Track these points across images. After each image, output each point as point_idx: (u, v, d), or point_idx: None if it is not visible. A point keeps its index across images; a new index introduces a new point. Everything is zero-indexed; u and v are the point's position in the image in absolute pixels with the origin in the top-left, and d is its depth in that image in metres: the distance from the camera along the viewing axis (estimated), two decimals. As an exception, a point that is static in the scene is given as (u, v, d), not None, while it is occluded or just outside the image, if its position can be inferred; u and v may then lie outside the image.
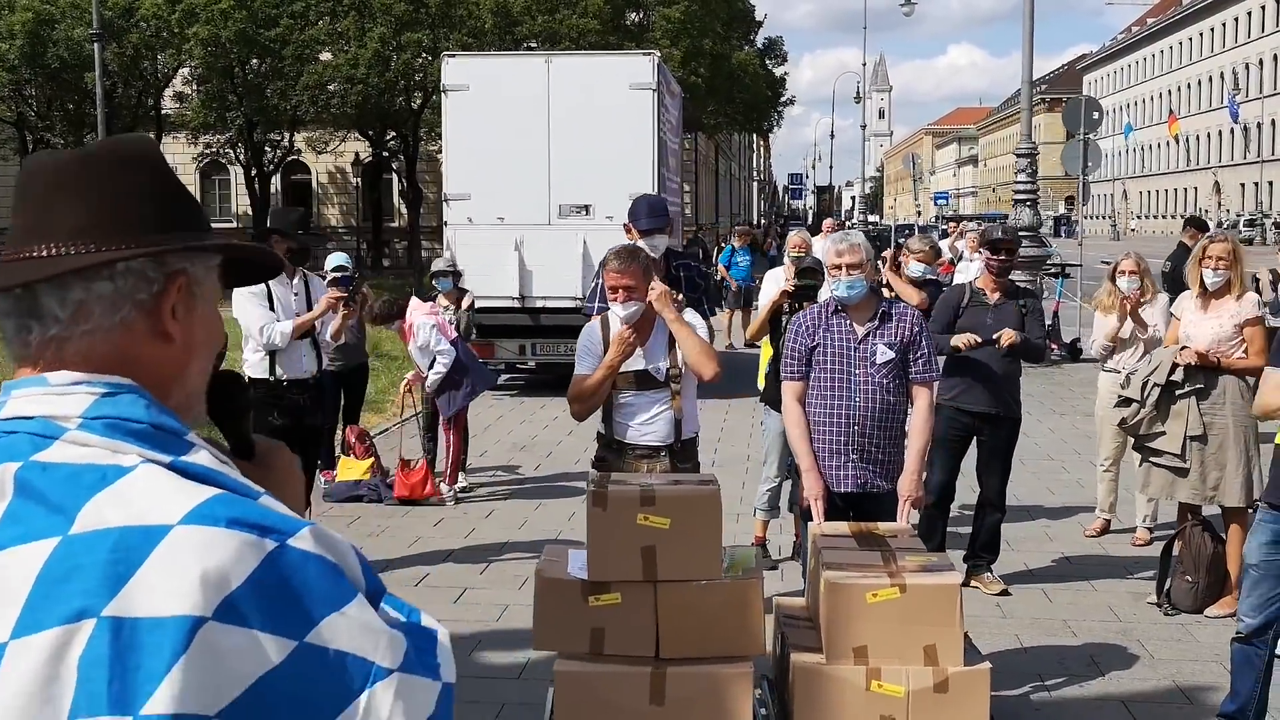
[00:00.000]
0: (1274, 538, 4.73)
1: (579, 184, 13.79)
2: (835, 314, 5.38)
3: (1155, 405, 6.74)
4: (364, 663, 1.33)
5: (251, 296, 7.04)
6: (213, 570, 1.26)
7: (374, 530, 8.58)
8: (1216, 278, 6.64)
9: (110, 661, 1.24)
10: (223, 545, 1.28)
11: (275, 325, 6.97)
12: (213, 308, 1.55)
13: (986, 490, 7.28)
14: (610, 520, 4.55)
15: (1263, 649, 4.82)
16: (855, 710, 4.52)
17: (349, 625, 1.33)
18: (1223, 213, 76.97)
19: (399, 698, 1.34)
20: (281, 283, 7.13)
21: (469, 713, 5.36)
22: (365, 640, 1.34)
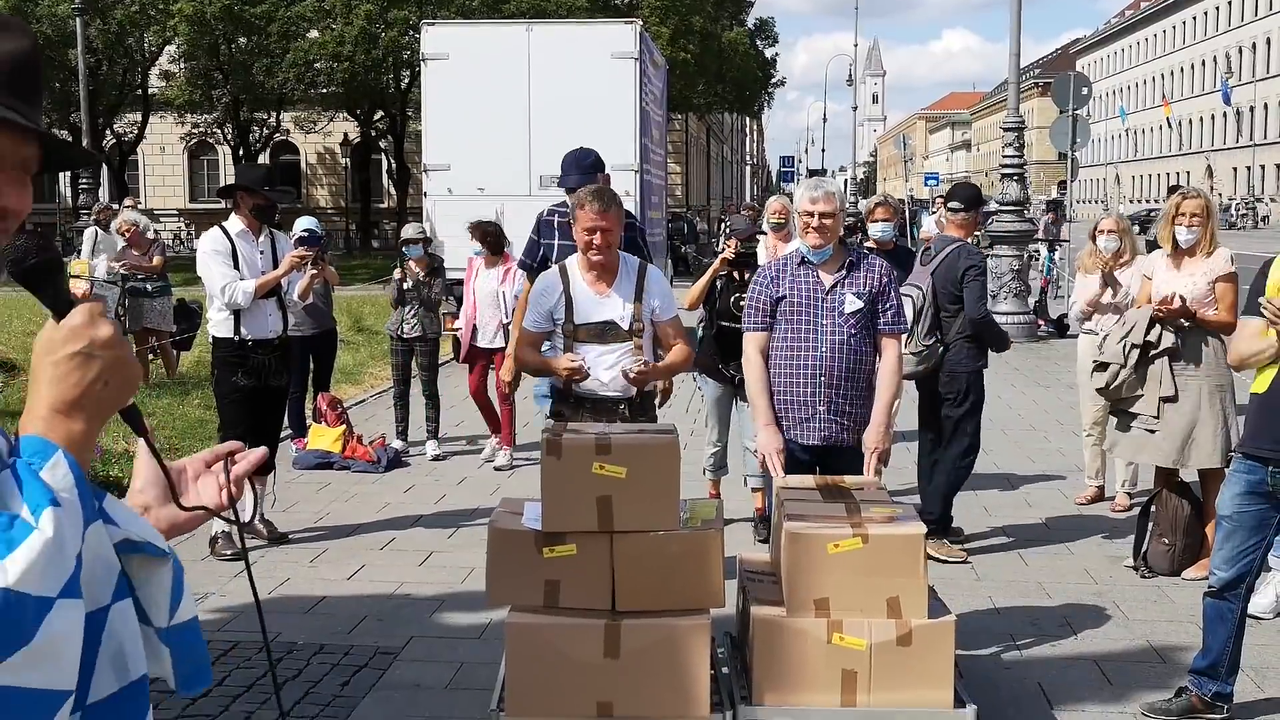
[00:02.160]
0: (1247, 488, 4.63)
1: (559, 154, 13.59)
2: (802, 264, 5.25)
3: (1136, 368, 6.63)
4: None
5: (215, 254, 6.93)
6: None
7: (343, 495, 8.48)
8: (1190, 235, 6.53)
9: None
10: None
11: (238, 284, 6.86)
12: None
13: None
14: (565, 470, 4.45)
15: (1235, 603, 4.73)
16: (816, 664, 4.43)
17: None
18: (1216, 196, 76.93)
19: None
20: (247, 240, 7.02)
21: (427, 671, 5.29)
22: None
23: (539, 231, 6.43)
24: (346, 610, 6.09)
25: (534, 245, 6.46)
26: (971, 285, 6.96)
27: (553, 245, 6.27)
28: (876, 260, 5.41)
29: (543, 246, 6.35)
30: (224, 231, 7.04)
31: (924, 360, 6.87)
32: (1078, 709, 4.91)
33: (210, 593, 6.26)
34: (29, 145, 1.54)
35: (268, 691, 5.05)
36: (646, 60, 14.84)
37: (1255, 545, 4.68)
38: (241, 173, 7.79)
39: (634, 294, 5.35)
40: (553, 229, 6.34)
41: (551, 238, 6.30)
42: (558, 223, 6.28)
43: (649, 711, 4.39)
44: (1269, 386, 4.57)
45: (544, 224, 6.43)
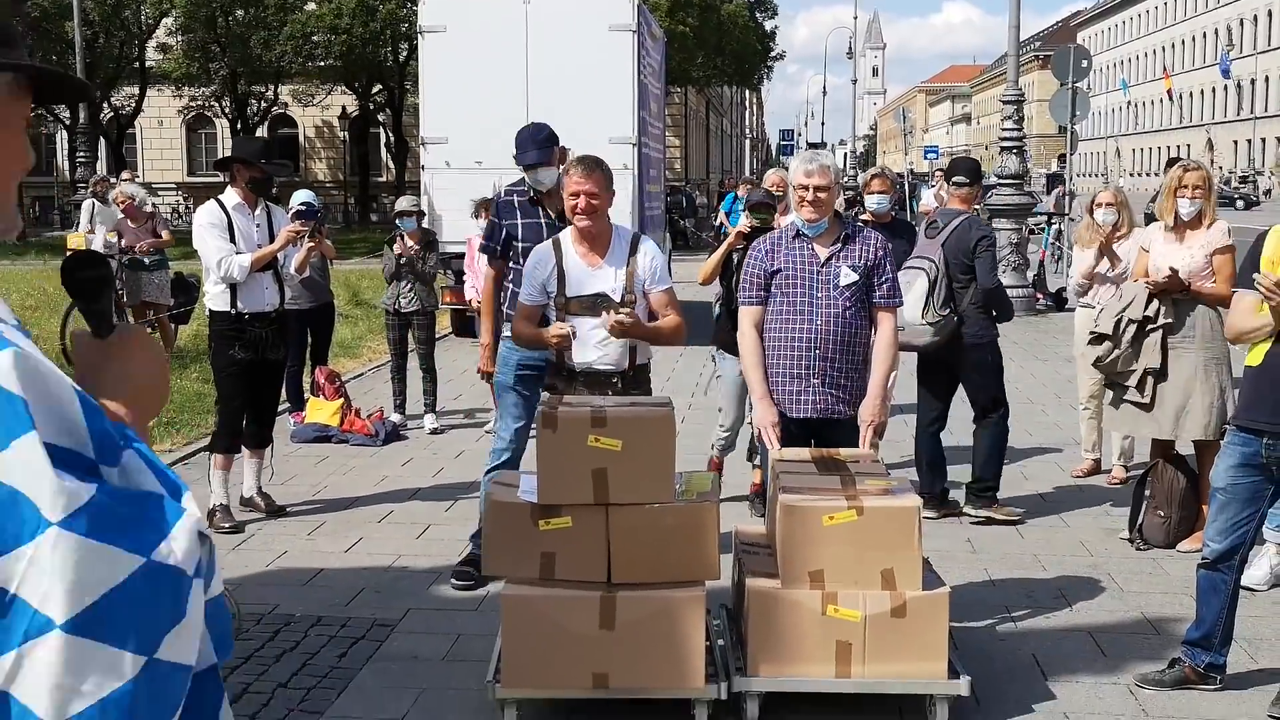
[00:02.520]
0: (1242, 460, 4.64)
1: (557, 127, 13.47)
2: (797, 237, 5.25)
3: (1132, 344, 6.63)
4: (35, 507, 1.23)
5: (211, 228, 6.92)
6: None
7: (341, 469, 8.49)
8: (1192, 207, 6.52)
9: None
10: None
11: (233, 258, 6.84)
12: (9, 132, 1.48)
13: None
14: (561, 442, 4.47)
15: (1228, 575, 4.74)
16: (811, 635, 4.46)
17: (18, 462, 1.24)
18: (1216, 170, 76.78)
19: (61, 556, 1.21)
20: (243, 213, 7.00)
21: (424, 643, 5.31)
22: (33, 483, 1.23)
23: (498, 213, 6.23)
24: (344, 582, 6.10)
25: (494, 227, 6.25)
26: (984, 256, 7.06)
27: (515, 225, 6.09)
28: (872, 233, 5.40)
29: (505, 227, 6.13)
30: (220, 205, 7.02)
31: (939, 332, 6.94)
32: (1071, 680, 4.93)
33: (208, 565, 6.27)
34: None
35: (266, 663, 5.08)
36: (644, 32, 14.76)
37: (1249, 517, 4.69)
38: (238, 145, 7.75)
39: (626, 265, 5.35)
40: (512, 208, 6.15)
41: (513, 217, 6.12)
42: (517, 202, 6.13)
43: (644, 682, 4.43)
44: (1264, 359, 4.57)
45: (503, 204, 6.23)
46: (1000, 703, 4.69)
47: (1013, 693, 4.78)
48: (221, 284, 6.95)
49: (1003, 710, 4.63)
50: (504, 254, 6.15)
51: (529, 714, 4.51)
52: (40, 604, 1.20)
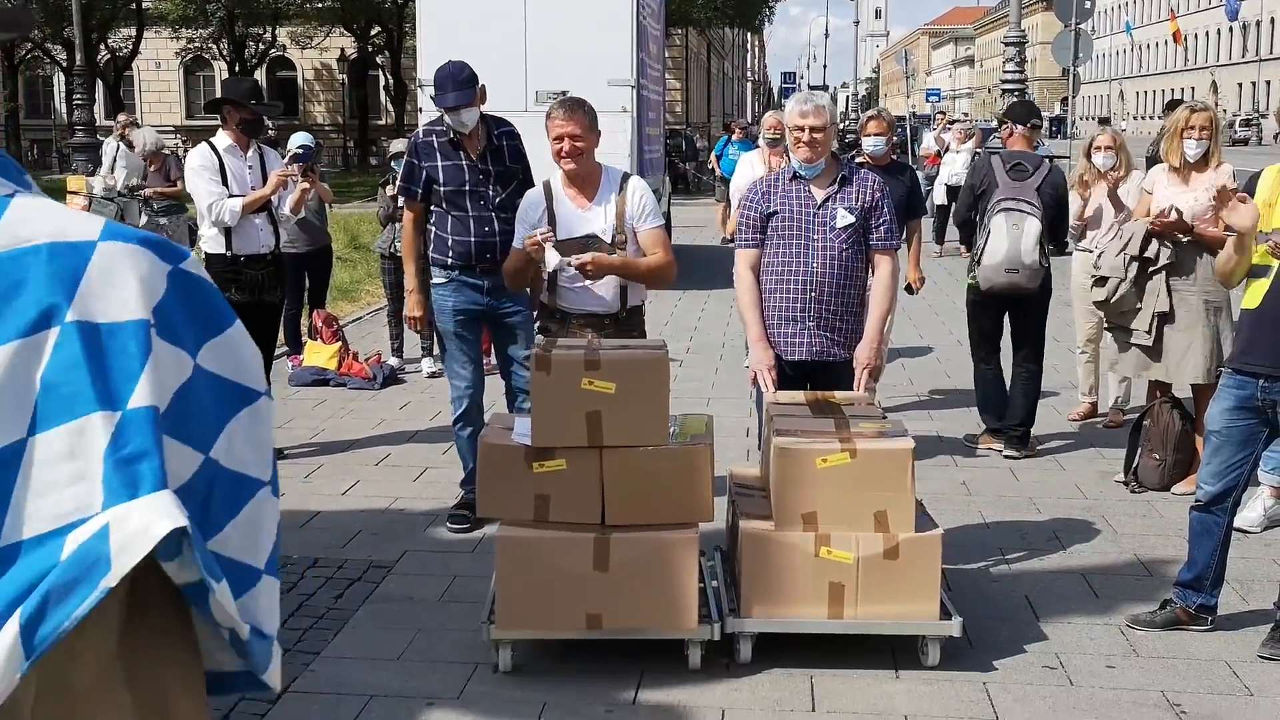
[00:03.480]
0: (1237, 403, 4.63)
1: (556, 69, 13.46)
2: (794, 179, 5.21)
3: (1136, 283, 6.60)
4: (242, 388, 1.53)
5: (203, 170, 6.87)
6: (145, 280, 1.39)
7: (339, 412, 8.50)
8: (1199, 148, 6.47)
9: (88, 363, 1.31)
10: (144, 259, 1.40)
11: (225, 202, 6.80)
12: None
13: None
14: (554, 385, 4.46)
15: (1221, 517, 4.75)
16: (804, 577, 4.47)
17: (230, 348, 1.52)
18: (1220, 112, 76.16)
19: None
20: (235, 155, 6.95)
21: (420, 585, 5.33)
22: (239, 372, 1.52)
23: (416, 154, 6.05)
24: (341, 525, 6.12)
25: (413, 169, 6.06)
26: (1067, 198, 7.28)
27: (435, 167, 5.94)
28: (870, 175, 5.36)
29: (425, 169, 5.98)
30: (211, 147, 6.97)
31: (1038, 276, 7.11)
32: (1063, 621, 4.95)
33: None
34: None
35: (262, 604, 5.09)
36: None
37: (1243, 460, 4.69)
38: (227, 87, 7.67)
39: (615, 206, 5.31)
40: (432, 150, 5.98)
41: (432, 159, 5.96)
42: (436, 143, 5.98)
43: (638, 623, 4.45)
44: (1260, 302, 4.55)
45: (422, 146, 6.05)
46: (992, 644, 4.70)
47: (1005, 634, 4.80)
48: (215, 229, 6.92)
49: (995, 651, 4.65)
50: (425, 197, 6.03)
51: (523, 654, 4.53)
52: None
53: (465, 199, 5.94)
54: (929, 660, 4.48)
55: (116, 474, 1.32)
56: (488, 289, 5.96)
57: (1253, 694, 4.34)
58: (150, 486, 1.32)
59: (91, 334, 1.33)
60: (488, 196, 5.95)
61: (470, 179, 5.93)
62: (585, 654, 4.54)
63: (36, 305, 1.31)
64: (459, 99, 5.81)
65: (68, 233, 1.36)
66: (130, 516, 1.31)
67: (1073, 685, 4.39)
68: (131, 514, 1.31)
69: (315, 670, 4.49)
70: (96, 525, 1.30)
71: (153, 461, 1.34)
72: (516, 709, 4.18)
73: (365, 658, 4.60)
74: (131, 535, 1.30)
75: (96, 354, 1.33)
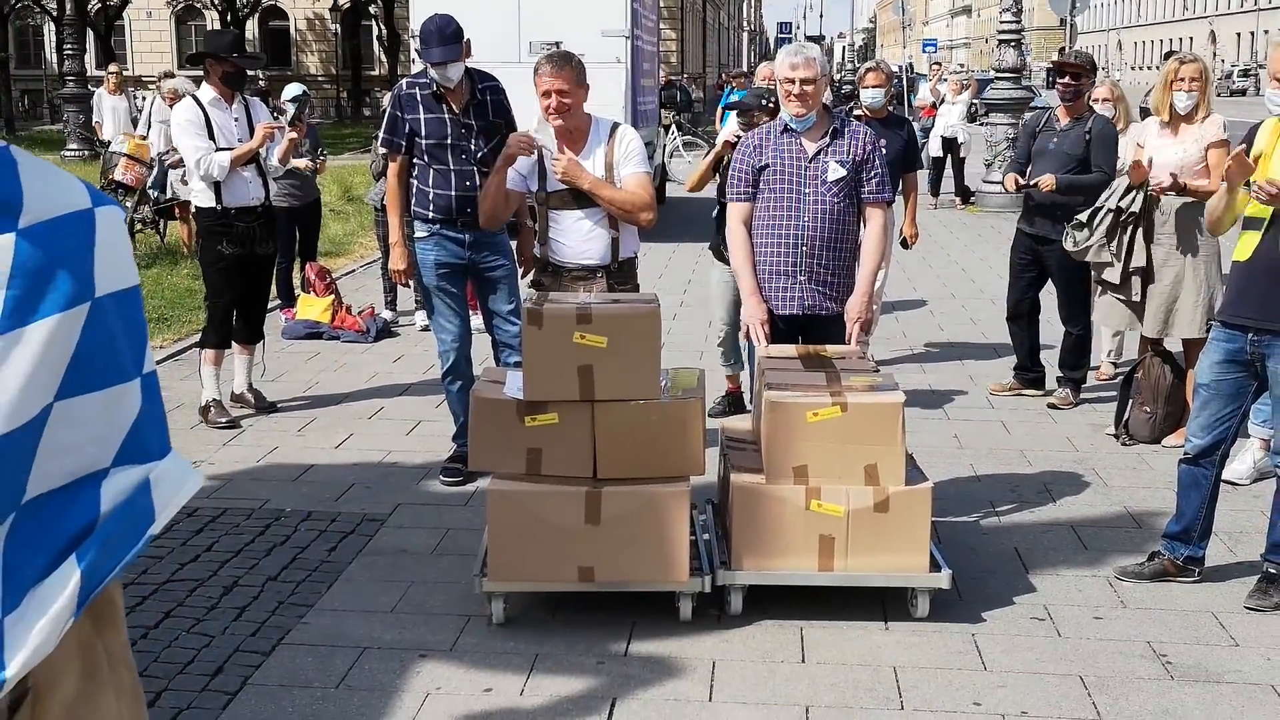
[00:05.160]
0: (1225, 356, 4.64)
1: (549, 20, 13.37)
2: (785, 132, 5.18)
3: (1107, 233, 6.61)
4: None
5: (189, 125, 6.82)
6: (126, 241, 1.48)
7: (332, 365, 8.50)
8: (1189, 100, 6.45)
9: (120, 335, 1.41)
10: (119, 220, 1.47)
11: (213, 156, 6.75)
12: None
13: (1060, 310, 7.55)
14: (546, 339, 4.46)
15: (1209, 470, 4.77)
16: (794, 530, 4.49)
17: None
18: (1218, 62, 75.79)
19: None
20: (220, 108, 6.90)
21: (413, 537, 5.36)
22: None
23: (399, 106, 6.02)
24: (334, 478, 6.13)
25: (395, 120, 6.02)
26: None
27: (419, 120, 5.92)
28: (861, 128, 5.33)
29: (408, 122, 5.95)
30: (196, 101, 6.91)
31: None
32: (1053, 573, 4.98)
33: (200, 460, 6.31)
34: None
35: (256, 557, 5.12)
36: (638, -78, 14.48)
37: (1232, 413, 4.70)
38: (208, 40, 7.59)
39: (604, 156, 5.30)
40: (415, 103, 5.95)
41: (415, 112, 5.93)
42: (420, 96, 5.95)
43: (629, 576, 4.47)
44: (1252, 254, 4.54)
45: (405, 98, 6.02)
46: (981, 595, 4.74)
47: (994, 585, 4.84)
48: (204, 183, 6.88)
49: (983, 603, 4.68)
50: (408, 149, 6.00)
51: (515, 607, 4.56)
52: None
53: (447, 153, 5.92)
54: (918, 612, 4.51)
55: (138, 435, 1.43)
56: (469, 243, 5.95)
57: (1238, 645, 4.37)
58: (167, 445, 1.46)
59: (112, 307, 1.41)
60: (469, 150, 5.92)
61: (453, 132, 5.91)
62: (577, 606, 4.56)
63: (72, 281, 1.37)
64: (444, 54, 5.75)
65: (72, 200, 1.41)
66: (167, 474, 1.44)
67: (1060, 636, 4.43)
68: (167, 472, 1.44)
69: (309, 622, 4.51)
70: (134, 480, 1.41)
71: (164, 422, 1.46)
72: (509, 660, 4.21)
73: (359, 610, 4.62)
74: (170, 491, 1.44)
75: (117, 324, 1.42)
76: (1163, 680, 4.11)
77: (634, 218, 5.32)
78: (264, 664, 4.19)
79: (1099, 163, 7.07)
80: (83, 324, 1.36)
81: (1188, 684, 4.08)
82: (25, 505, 1.32)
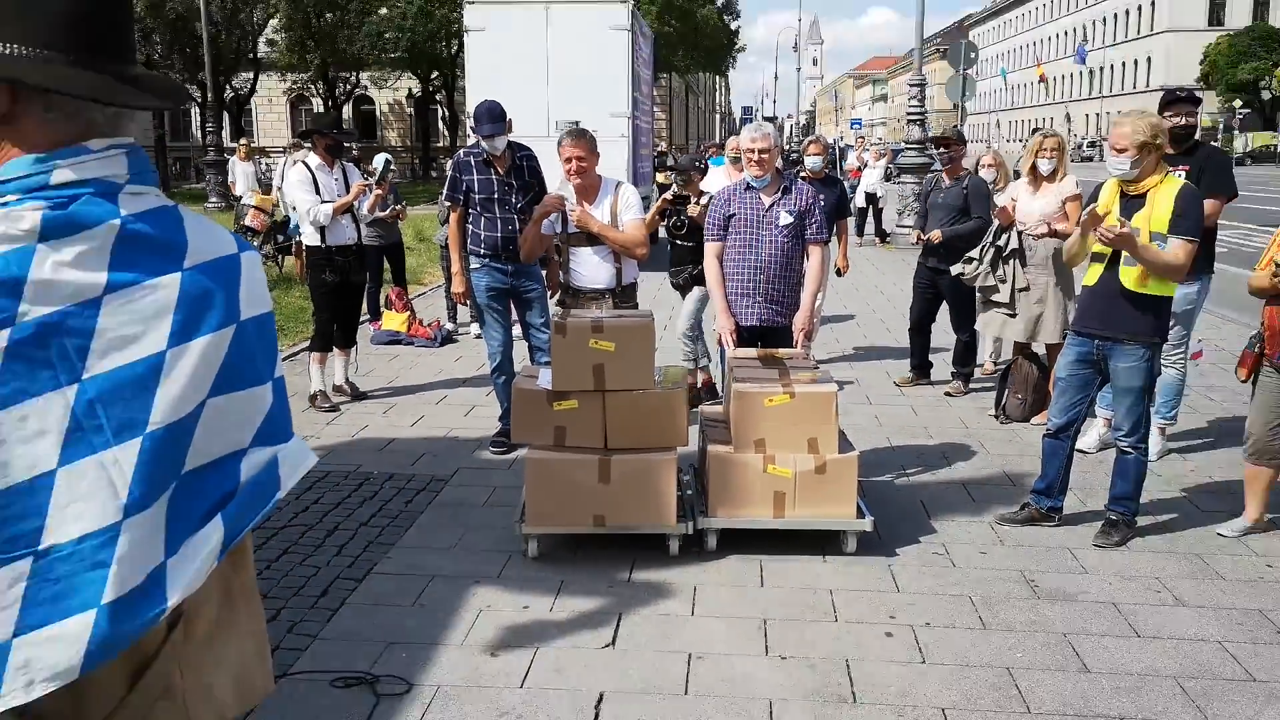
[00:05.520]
0: (1078, 357, 4.64)
1: (570, 103, 13.36)
2: (748, 189, 5.17)
3: (991, 264, 6.62)
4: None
5: (301, 184, 6.82)
6: (262, 276, 1.47)
7: (408, 364, 8.48)
8: (1049, 164, 6.44)
9: (257, 350, 1.41)
10: (258, 260, 1.46)
11: (319, 207, 6.75)
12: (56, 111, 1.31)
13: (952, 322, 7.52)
14: (569, 344, 4.45)
15: (1066, 442, 4.77)
16: (755, 487, 4.49)
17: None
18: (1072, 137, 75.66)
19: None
20: (324, 171, 6.89)
21: (469, 493, 5.33)
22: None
23: (459, 170, 6.02)
24: (410, 449, 6.13)
25: (455, 181, 6.03)
26: None
27: (473, 180, 5.92)
28: (805, 186, 5.31)
29: (465, 181, 5.95)
30: (306, 166, 6.91)
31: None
32: (949, 519, 4.98)
33: (309, 436, 6.30)
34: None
35: (351, 508, 5.12)
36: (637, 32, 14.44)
37: (1082, 400, 4.71)
38: (315, 120, 7.61)
39: (610, 206, 5.31)
40: (470, 167, 5.95)
41: (470, 174, 5.93)
42: (474, 162, 5.94)
43: (631, 521, 4.47)
44: (1096, 280, 4.55)
45: (462, 163, 6.02)
46: (895, 536, 4.74)
47: (904, 529, 4.84)
48: (312, 227, 6.88)
49: (897, 541, 4.68)
50: (465, 202, 6.00)
51: (546, 545, 4.56)
52: None
53: (494, 205, 5.92)
54: (848, 548, 4.52)
55: (269, 424, 1.43)
56: (511, 272, 5.96)
57: (1087, 571, 4.38)
58: (290, 431, 1.46)
59: (254, 327, 1.41)
60: (510, 203, 5.93)
61: (498, 190, 5.91)
62: (592, 545, 4.56)
63: (221, 310, 1.36)
64: (493, 130, 5.78)
65: (224, 247, 1.41)
66: (290, 453, 1.45)
67: (954, 566, 4.43)
68: (290, 452, 1.45)
69: (391, 557, 4.51)
70: (266, 458, 1.41)
71: (289, 414, 1.46)
72: (541, 585, 4.21)
73: (428, 547, 4.62)
74: (292, 466, 1.45)
75: (256, 342, 1.41)
76: (1031, 599, 4.11)
77: (631, 253, 5.36)
78: (357, 588, 4.19)
79: (976, 212, 7.12)
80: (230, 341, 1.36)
81: (1050, 601, 4.09)
82: (185, 475, 1.33)
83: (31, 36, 1.28)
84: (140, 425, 1.27)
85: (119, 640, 1.25)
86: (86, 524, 1.24)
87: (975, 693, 3.40)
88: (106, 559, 1.24)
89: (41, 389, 1.23)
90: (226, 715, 1.42)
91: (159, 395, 1.29)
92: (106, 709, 1.31)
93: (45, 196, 1.27)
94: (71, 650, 1.22)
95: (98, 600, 1.24)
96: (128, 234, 1.30)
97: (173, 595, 1.29)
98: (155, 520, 1.28)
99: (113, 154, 1.33)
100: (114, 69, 1.34)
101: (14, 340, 1.22)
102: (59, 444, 1.24)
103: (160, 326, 1.30)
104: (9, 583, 1.22)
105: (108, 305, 1.27)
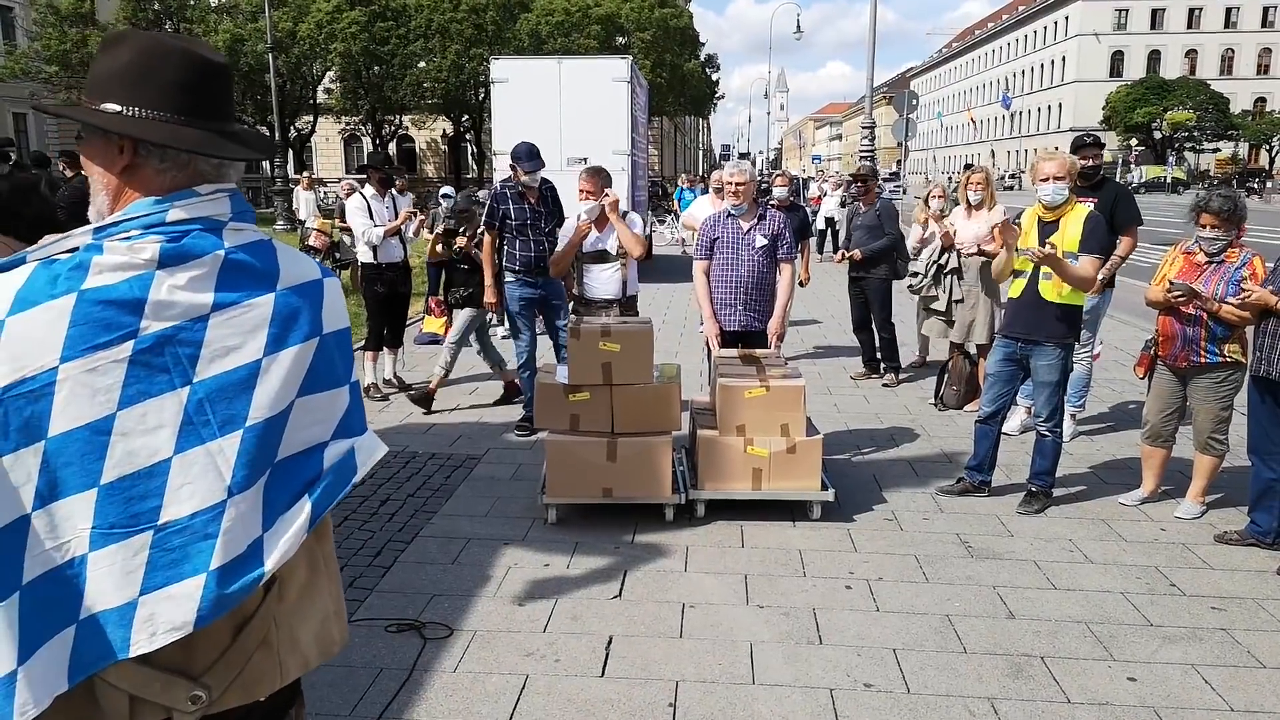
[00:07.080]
0: (1004, 356, 4.66)
1: (579, 143, 13.34)
2: (729, 216, 5.18)
3: (934, 279, 6.64)
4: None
5: (358, 211, 6.81)
6: (341, 297, 1.45)
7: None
8: (977, 195, 6.46)
9: (337, 358, 1.40)
10: (337, 284, 1.45)
11: (373, 230, 6.75)
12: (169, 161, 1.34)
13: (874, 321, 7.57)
14: (582, 346, 4.46)
15: (993, 427, 4.78)
16: (736, 465, 4.49)
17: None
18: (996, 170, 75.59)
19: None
20: (377, 200, 6.88)
21: (499, 469, 5.33)
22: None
23: (496, 200, 6.00)
24: (449, 431, 6.12)
25: (493, 209, 6.00)
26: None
27: (508, 209, 5.90)
28: (776, 214, 5.30)
29: (501, 210, 5.93)
30: (362, 196, 6.91)
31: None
32: (897, 490, 4.99)
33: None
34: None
35: (400, 482, 5.12)
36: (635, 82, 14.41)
37: (1008, 392, 4.72)
38: (370, 157, 7.59)
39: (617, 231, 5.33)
40: (506, 198, 5.93)
41: (506, 204, 5.90)
42: (509, 193, 5.93)
43: (635, 493, 4.47)
44: (1020, 292, 4.56)
45: (499, 194, 5.99)
46: (852, 505, 4.75)
47: (860, 498, 4.85)
48: (366, 247, 6.87)
49: (854, 510, 4.69)
50: (501, 228, 5.99)
51: (563, 513, 4.56)
52: None
53: (527, 229, 5.92)
54: (814, 515, 4.53)
55: (347, 420, 1.43)
56: (539, 285, 5.96)
57: (1012, 535, 4.39)
58: (365, 426, 1.45)
59: (333, 340, 1.41)
60: (539, 227, 5.93)
61: (530, 217, 5.91)
62: (601, 513, 4.57)
63: (308, 325, 1.36)
64: (533, 166, 5.81)
65: (309, 273, 1.41)
66: (365, 444, 1.44)
67: (903, 530, 4.44)
68: (365, 443, 1.44)
69: (434, 523, 4.52)
70: (345, 448, 1.41)
71: (363, 411, 1.46)
72: (559, 546, 4.22)
73: (465, 515, 4.63)
74: (367, 455, 1.44)
75: (335, 351, 1.41)
76: (966, 559, 4.13)
77: (634, 247, 5.44)
78: (406, 549, 4.19)
79: (888, 229, 7.34)
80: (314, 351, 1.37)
81: (982, 560, 4.10)
82: (278, 463, 1.34)
83: (150, 101, 1.31)
84: (241, 420, 1.29)
85: (227, 600, 1.26)
86: (197, 502, 1.25)
87: (920, 635, 3.42)
88: (214, 531, 1.25)
89: (159, 390, 1.25)
90: (310, 663, 1.43)
91: (256, 395, 1.30)
92: (212, 658, 1.33)
93: (162, 231, 1.28)
94: (187, 606, 1.24)
95: (207, 565, 1.25)
96: (230, 262, 1.31)
97: (269, 562, 1.31)
98: (254, 500, 1.29)
99: (218, 196, 1.35)
100: (216, 126, 1.36)
101: (136, 350, 1.24)
102: (174, 436, 1.25)
103: (257, 338, 1.31)
104: (134, 551, 1.23)
105: (214, 321, 1.29)
